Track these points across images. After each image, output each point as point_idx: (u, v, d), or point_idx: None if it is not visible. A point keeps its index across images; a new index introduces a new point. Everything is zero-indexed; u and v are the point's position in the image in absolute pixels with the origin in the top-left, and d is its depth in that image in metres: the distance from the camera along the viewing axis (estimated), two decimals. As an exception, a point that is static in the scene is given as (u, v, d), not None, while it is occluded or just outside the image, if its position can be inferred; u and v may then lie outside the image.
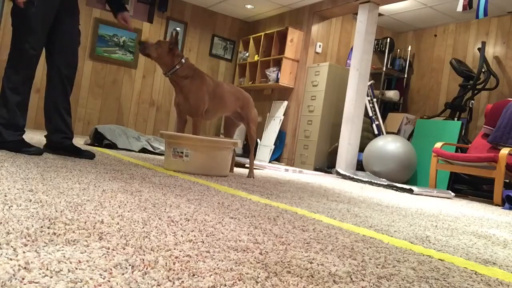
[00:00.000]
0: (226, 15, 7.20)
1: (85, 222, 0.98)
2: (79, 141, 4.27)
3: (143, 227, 1.02)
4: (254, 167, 3.54)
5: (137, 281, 0.66)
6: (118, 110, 6.40)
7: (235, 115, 3.07)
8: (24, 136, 2.47)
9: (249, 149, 3.11)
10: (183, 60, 2.72)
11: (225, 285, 0.70)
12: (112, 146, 3.94)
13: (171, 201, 1.46)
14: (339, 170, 4.80)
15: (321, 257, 0.97)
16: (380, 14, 5.83)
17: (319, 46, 6.15)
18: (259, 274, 0.78)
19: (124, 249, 0.82)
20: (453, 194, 3.93)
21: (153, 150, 4.13)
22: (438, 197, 3.72)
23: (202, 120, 2.79)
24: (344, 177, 4.61)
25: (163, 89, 6.73)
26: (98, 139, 3.99)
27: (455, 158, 4.11)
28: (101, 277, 0.65)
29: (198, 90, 2.72)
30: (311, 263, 0.91)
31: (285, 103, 6.24)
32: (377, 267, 0.96)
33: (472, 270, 1.06)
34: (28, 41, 2.40)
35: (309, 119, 5.79)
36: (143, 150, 4.07)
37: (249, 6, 6.61)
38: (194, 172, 2.59)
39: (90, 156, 2.60)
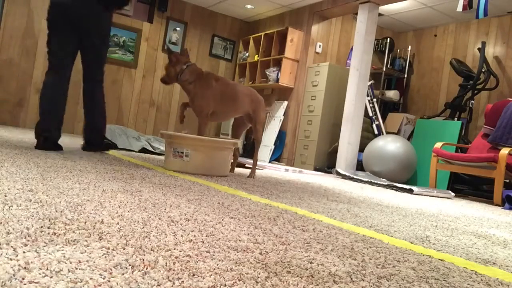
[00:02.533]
0: (226, 15, 7.20)
1: (85, 222, 0.98)
2: (79, 141, 4.27)
3: (143, 227, 1.02)
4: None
5: (137, 281, 0.66)
6: (118, 110, 6.40)
7: (246, 116, 3.09)
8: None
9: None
10: (184, 66, 2.77)
11: (225, 285, 0.70)
12: (110, 147, 3.94)
13: (171, 201, 1.46)
14: (339, 170, 4.80)
15: (321, 257, 0.97)
16: (380, 14, 5.83)
17: (319, 46, 6.15)
18: (259, 274, 0.78)
19: (124, 249, 0.82)
20: (453, 194, 3.93)
21: (153, 150, 4.12)
22: (438, 197, 3.72)
23: (207, 122, 2.84)
24: (344, 177, 4.61)
25: (163, 89, 6.73)
26: None
27: (455, 158, 4.11)
28: (101, 277, 0.65)
29: (202, 94, 2.75)
30: (311, 263, 0.91)
31: (285, 103, 6.24)
32: (377, 267, 0.96)
33: (472, 270, 1.06)
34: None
35: (309, 119, 5.79)
36: (143, 150, 4.07)
37: (249, 6, 6.61)
38: (194, 172, 2.59)
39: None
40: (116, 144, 3.95)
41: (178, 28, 6.75)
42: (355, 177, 4.46)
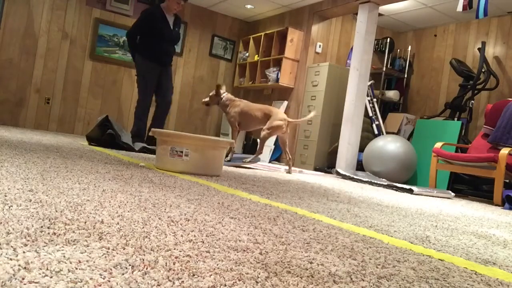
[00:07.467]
0: (226, 15, 7.20)
1: (85, 222, 0.98)
2: (79, 141, 4.27)
3: (143, 227, 1.02)
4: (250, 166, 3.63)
5: (137, 281, 0.66)
6: (118, 110, 6.40)
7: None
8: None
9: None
10: (223, 96, 4.11)
11: (225, 285, 0.70)
12: (112, 139, 3.94)
13: (171, 201, 1.46)
14: (339, 170, 4.80)
15: (321, 257, 0.97)
16: (380, 14, 5.83)
17: (319, 46, 6.15)
18: (259, 274, 0.78)
19: (124, 249, 0.82)
20: (453, 194, 3.93)
21: (154, 149, 4.13)
22: (438, 197, 3.72)
23: (236, 130, 4.08)
24: (344, 177, 4.61)
25: (163, 89, 6.72)
26: (103, 127, 4.01)
27: (455, 158, 4.12)
28: (101, 277, 0.65)
29: (231, 112, 4.07)
30: (311, 263, 0.91)
31: (285, 103, 6.24)
32: (377, 267, 0.96)
33: (472, 270, 1.06)
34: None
35: (309, 119, 5.79)
36: (143, 150, 4.07)
37: (249, 6, 6.61)
38: (194, 171, 2.59)
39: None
40: (120, 136, 3.97)
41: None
42: (355, 177, 4.46)
